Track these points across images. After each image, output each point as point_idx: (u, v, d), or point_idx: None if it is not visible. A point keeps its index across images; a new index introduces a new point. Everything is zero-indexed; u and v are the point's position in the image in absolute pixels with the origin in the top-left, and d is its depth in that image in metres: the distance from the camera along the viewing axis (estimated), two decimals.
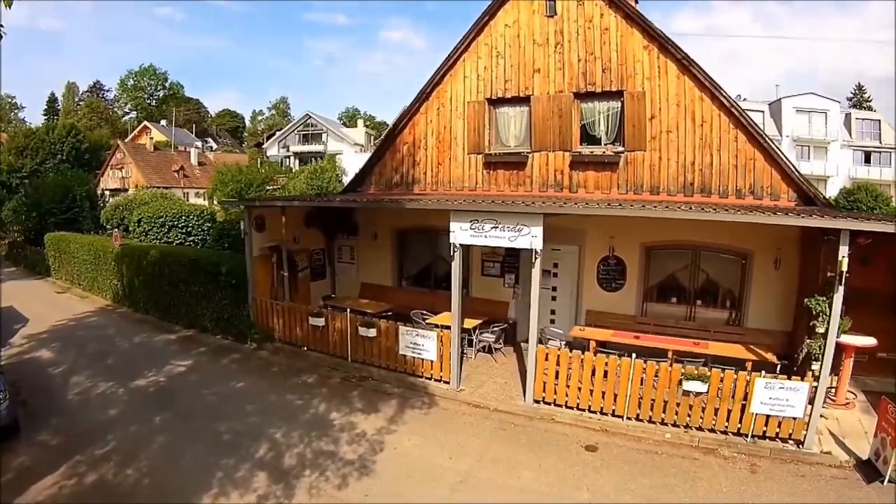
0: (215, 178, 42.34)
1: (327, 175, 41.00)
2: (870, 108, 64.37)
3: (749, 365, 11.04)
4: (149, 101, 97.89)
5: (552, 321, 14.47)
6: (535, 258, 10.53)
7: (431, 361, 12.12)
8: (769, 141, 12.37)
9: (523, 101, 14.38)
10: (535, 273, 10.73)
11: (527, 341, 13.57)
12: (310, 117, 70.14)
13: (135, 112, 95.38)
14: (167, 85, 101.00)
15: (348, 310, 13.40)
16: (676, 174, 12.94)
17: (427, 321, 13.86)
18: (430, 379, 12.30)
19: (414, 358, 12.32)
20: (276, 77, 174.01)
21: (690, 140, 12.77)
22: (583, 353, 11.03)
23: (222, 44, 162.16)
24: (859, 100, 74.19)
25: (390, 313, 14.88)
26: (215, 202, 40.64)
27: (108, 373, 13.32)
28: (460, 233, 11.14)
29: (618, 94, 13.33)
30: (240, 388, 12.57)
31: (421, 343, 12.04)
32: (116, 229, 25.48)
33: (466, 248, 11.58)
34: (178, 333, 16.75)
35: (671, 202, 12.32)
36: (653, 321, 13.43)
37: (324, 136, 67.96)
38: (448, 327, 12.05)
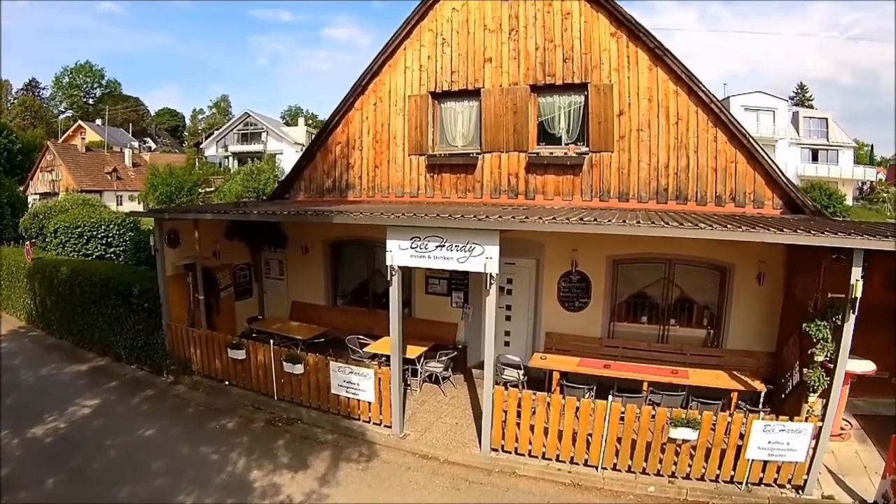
0: (147, 180, 40.64)
1: (264, 176, 39.35)
2: (811, 108, 65.32)
3: (734, 396, 9.90)
4: (85, 100, 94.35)
5: (507, 344, 12.82)
6: (490, 283, 8.71)
7: (369, 403, 10.22)
8: (752, 141, 10.98)
9: (472, 94, 12.70)
10: (490, 302, 8.92)
11: (480, 367, 12.15)
12: (249, 116, 68.85)
13: (70, 111, 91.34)
14: (104, 82, 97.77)
15: (272, 341, 11.37)
16: (648, 178, 11.47)
17: (365, 349, 11.98)
18: (368, 422, 10.38)
19: (349, 398, 10.37)
20: (219, 75, 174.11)
21: (664, 139, 11.34)
22: (549, 393, 9.30)
23: (165, 40, 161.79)
24: (801, 99, 75.46)
25: (323, 339, 13.03)
26: (149, 206, 38.63)
27: (6, 417, 11.15)
28: (399, 253, 9.27)
29: (581, 87, 11.81)
30: (149, 436, 10.53)
31: (356, 382, 10.11)
32: (29, 241, 23.09)
33: (408, 268, 9.75)
34: (91, 363, 14.60)
35: (643, 210, 10.92)
36: (621, 344, 11.86)
37: (263, 135, 66.68)
38: (388, 358, 10.20)
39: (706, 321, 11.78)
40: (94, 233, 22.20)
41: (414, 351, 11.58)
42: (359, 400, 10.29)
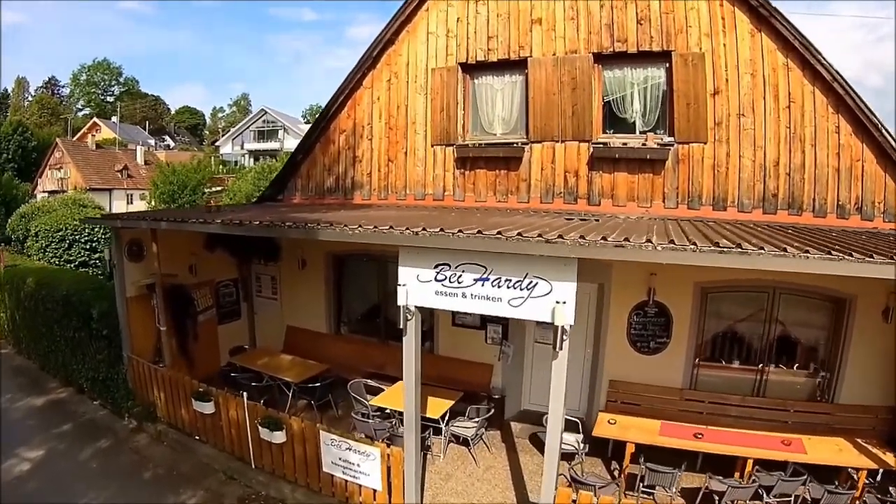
0: (154, 179, 39.20)
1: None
2: None
3: (862, 475, 7.49)
4: (102, 97, 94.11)
5: None
6: (562, 340, 5.80)
7: (374, 490, 7.37)
8: (886, 133, 8.12)
9: (516, 66, 9.91)
10: (559, 369, 6.04)
11: (521, 420, 9.76)
12: (266, 113, 68.12)
13: (88, 108, 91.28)
14: (122, 80, 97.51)
15: (244, 395, 8.54)
16: (752, 179, 8.69)
17: (372, 401, 9.16)
18: None
19: (347, 481, 7.54)
20: (241, 74, 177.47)
21: (772, 128, 8.58)
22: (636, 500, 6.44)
23: (188, 39, 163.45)
24: None
25: (320, 381, 10.17)
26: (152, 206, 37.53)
27: None
28: (417, 287, 6.42)
29: (662, 57, 9.01)
30: None
31: (355, 462, 7.26)
32: (3, 246, 22.07)
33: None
34: (50, 395, 12.35)
35: (749, 223, 8.25)
36: (708, 398, 9.02)
37: (281, 132, 65.69)
38: (402, 415, 7.42)
39: (814, 366, 8.98)
40: (78, 236, 20.82)
41: (437, 407, 8.77)
42: (360, 485, 7.45)
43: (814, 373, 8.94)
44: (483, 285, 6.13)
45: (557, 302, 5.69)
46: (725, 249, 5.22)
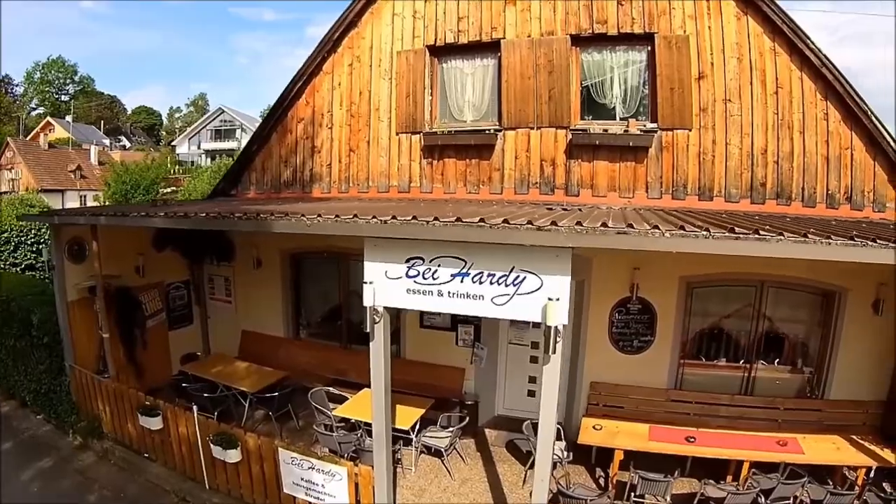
0: (106, 178, 37.91)
1: None
2: None
3: (860, 472, 7.27)
4: (57, 96, 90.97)
5: (531, 394, 9.44)
6: (555, 342, 5.15)
7: None
8: (875, 120, 7.79)
9: (488, 49, 9.27)
10: (552, 372, 5.40)
11: (495, 427, 9.14)
12: (223, 112, 67.05)
13: (42, 107, 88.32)
14: (76, 79, 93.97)
15: (194, 410, 7.70)
16: (739, 168, 8.28)
17: (335, 411, 8.42)
18: None
19: (310, 503, 6.78)
20: (202, 74, 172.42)
21: (760, 115, 8.19)
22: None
23: (146, 39, 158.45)
24: None
25: (279, 390, 9.39)
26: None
27: None
28: (386, 284, 5.73)
29: (644, 40, 8.53)
30: None
31: (319, 483, 6.51)
32: None
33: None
34: None
35: (739, 213, 7.80)
36: (695, 398, 8.57)
37: (238, 132, 63.97)
38: (369, 426, 6.76)
39: (802, 361, 8.69)
40: (24, 238, 19.41)
41: (407, 416, 8.09)
42: None
43: (803, 369, 8.67)
44: (462, 281, 5.47)
45: (550, 298, 5.05)
46: (742, 235, 4.64)
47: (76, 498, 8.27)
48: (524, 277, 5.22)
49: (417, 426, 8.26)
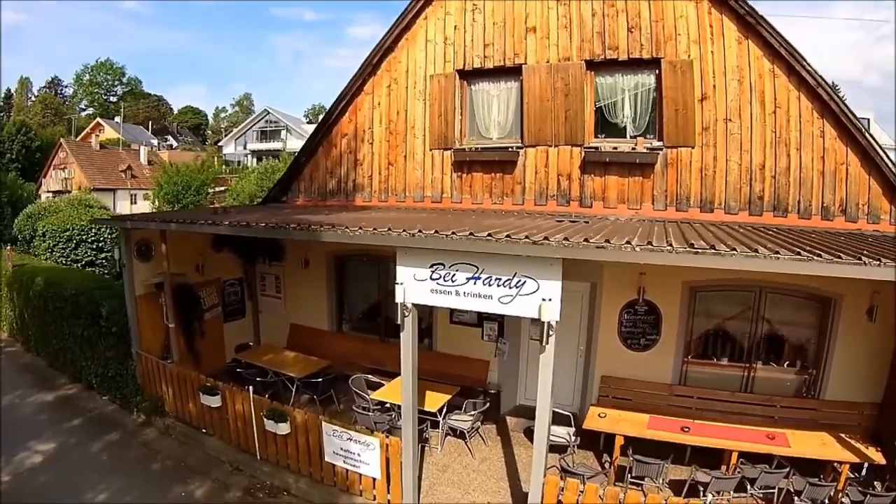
0: (158, 179, 38.53)
1: (280, 175, 36.70)
2: None
3: (844, 468, 7.62)
4: (105, 97, 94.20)
5: None
6: (548, 336, 6.14)
7: (374, 479, 7.72)
8: (869, 138, 8.41)
9: (511, 73, 10.18)
10: (546, 361, 6.38)
11: (516, 415, 9.98)
12: (269, 113, 67.95)
13: (91, 108, 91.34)
14: (124, 80, 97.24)
15: (250, 389, 8.90)
16: (739, 182, 8.97)
17: (372, 395, 9.51)
18: (373, 500, 7.91)
19: (347, 470, 7.89)
20: (242, 74, 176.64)
21: (759, 133, 8.84)
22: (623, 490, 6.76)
23: (189, 40, 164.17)
24: None
25: (322, 377, 10.54)
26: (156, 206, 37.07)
27: None
28: (414, 285, 6.77)
29: (651, 64, 9.28)
30: None
31: (356, 452, 7.62)
32: (11, 246, 21.57)
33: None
34: (60, 391, 12.51)
35: (737, 225, 8.51)
36: (697, 393, 9.26)
37: (283, 132, 65.51)
38: (400, 408, 7.74)
39: (800, 363, 9.22)
40: (84, 236, 20.72)
41: (434, 401, 9.12)
42: (360, 474, 7.80)
43: (800, 370, 9.15)
44: (475, 283, 6.47)
45: (544, 299, 6.03)
46: (700, 251, 5.53)
47: (142, 466, 9.38)
48: (524, 281, 6.20)
49: (444, 410, 9.28)
